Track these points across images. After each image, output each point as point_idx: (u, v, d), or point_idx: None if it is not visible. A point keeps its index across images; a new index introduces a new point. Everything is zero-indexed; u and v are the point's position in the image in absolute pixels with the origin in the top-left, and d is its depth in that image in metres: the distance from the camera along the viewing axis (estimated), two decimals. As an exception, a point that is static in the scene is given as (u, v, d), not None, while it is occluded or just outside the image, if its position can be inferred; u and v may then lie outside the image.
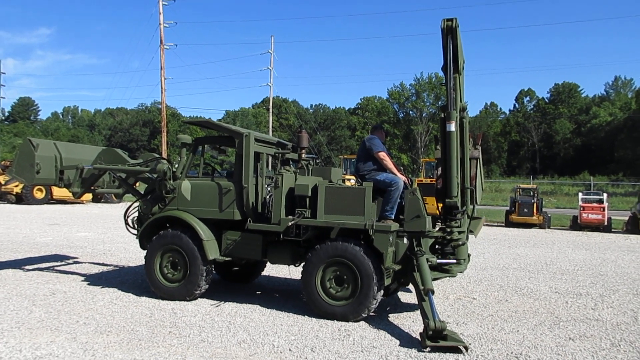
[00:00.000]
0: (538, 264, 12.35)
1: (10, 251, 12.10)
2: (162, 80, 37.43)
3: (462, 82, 7.24)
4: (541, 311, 7.64)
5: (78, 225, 18.68)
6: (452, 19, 6.88)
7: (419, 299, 6.38)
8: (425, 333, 5.85)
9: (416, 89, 78.11)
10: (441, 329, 5.76)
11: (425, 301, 6.23)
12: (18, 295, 7.73)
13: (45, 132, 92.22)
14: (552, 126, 75.24)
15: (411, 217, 6.85)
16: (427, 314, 5.99)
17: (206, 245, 7.37)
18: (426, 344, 5.73)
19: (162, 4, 37.30)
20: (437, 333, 5.77)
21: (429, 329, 5.80)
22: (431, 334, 5.78)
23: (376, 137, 7.69)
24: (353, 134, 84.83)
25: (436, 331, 5.77)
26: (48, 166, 8.72)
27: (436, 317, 5.89)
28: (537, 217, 22.80)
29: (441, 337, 5.78)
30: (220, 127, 8.02)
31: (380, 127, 8.30)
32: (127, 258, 11.57)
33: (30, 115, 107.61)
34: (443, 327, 5.79)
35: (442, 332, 5.77)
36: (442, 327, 5.77)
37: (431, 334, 5.78)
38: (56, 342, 5.66)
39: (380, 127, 8.30)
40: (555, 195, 44.86)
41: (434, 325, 5.78)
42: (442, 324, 5.80)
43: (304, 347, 5.72)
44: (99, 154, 9.14)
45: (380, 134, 7.92)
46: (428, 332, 5.81)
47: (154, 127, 79.97)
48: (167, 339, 5.87)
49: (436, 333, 5.77)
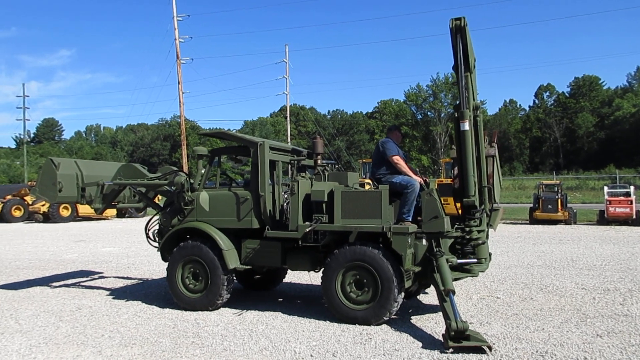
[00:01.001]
0: (564, 260, 12.13)
1: (38, 269, 12.36)
2: (180, 94, 37.92)
3: (474, 80, 7.18)
4: (567, 308, 7.49)
5: (103, 240, 19.00)
6: (460, 18, 6.84)
7: (440, 300, 6.33)
8: (448, 334, 5.80)
9: (433, 89, 77.71)
10: (463, 329, 5.70)
11: (446, 302, 6.17)
12: (45, 311, 7.88)
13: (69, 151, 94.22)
14: (574, 120, 74.03)
15: (429, 218, 6.81)
16: (449, 315, 5.94)
17: (226, 254, 7.43)
18: (449, 345, 5.68)
19: (176, 19, 37.87)
20: (460, 333, 5.71)
21: (451, 329, 5.74)
22: (453, 334, 5.73)
23: (390, 141, 7.66)
24: (372, 138, 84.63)
25: (458, 331, 5.70)
26: (70, 184, 8.91)
27: (458, 318, 5.83)
28: (562, 213, 22.40)
29: (464, 337, 5.71)
30: (235, 137, 8.10)
31: (395, 128, 8.20)
32: (150, 271, 11.72)
33: (55, 135, 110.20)
34: (465, 327, 5.72)
35: (464, 332, 5.70)
36: (464, 327, 5.71)
37: (453, 335, 5.73)
38: (82, 356, 5.75)
39: (395, 128, 8.20)
40: (580, 190, 43.99)
41: (456, 325, 5.72)
42: (464, 324, 5.74)
43: (326, 352, 5.71)
44: (119, 169, 9.31)
45: (396, 136, 7.88)
46: (450, 332, 5.75)
47: (175, 141, 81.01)
48: (190, 349, 5.92)
49: (458, 333, 5.71)
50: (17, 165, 77.44)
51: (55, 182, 8.70)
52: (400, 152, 7.68)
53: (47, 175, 8.89)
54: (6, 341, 6.35)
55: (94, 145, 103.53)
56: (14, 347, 6.09)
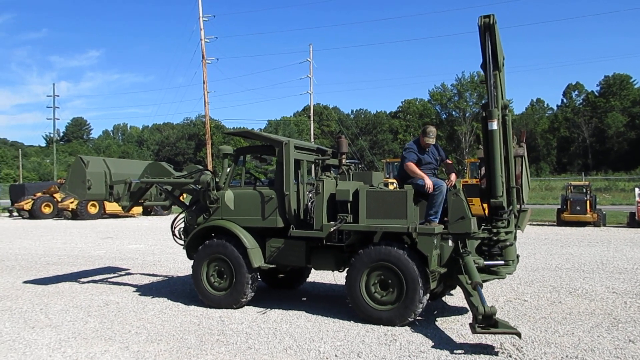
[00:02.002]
0: (593, 263, 11.85)
1: (67, 265, 12.62)
2: (205, 94, 38.31)
3: (502, 79, 7.04)
4: (597, 312, 7.31)
5: (129, 238, 19.31)
6: (489, 15, 6.72)
7: (467, 296, 6.30)
8: (475, 319, 5.79)
9: (458, 89, 76.93)
10: (491, 314, 5.71)
11: (473, 295, 6.12)
12: (74, 307, 8.04)
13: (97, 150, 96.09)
14: (604, 120, 72.32)
15: (455, 218, 6.72)
16: (476, 303, 5.92)
17: (251, 253, 7.46)
18: (476, 330, 5.67)
19: (202, 20, 38.25)
20: (487, 318, 5.71)
21: (479, 313, 5.73)
22: (481, 318, 5.72)
23: (412, 147, 7.44)
24: (395, 138, 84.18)
25: (486, 316, 5.71)
26: (98, 182, 9.08)
27: (485, 304, 5.82)
28: (591, 215, 21.89)
29: (492, 324, 5.73)
30: (260, 136, 8.12)
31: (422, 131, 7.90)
32: (176, 268, 11.85)
33: (83, 134, 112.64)
34: (493, 311, 5.73)
35: (492, 316, 5.72)
36: (492, 311, 5.72)
37: (481, 319, 5.72)
38: (110, 351, 5.84)
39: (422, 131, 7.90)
40: (610, 192, 42.95)
41: (484, 309, 5.72)
42: (492, 309, 5.75)
43: (350, 352, 5.68)
44: (145, 168, 9.44)
45: (421, 139, 7.62)
46: (478, 317, 5.74)
47: (199, 140, 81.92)
48: (215, 346, 5.96)
49: (486, 318, 5.71)
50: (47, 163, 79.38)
51: (85, 179, 8.88)
52: (426, 155, 7.45)
53: (77, 173, 9.08)
54: (37, 335, 6.50)
55: (121, 144, 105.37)
56: (44, 341, 6.22)
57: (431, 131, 7.50)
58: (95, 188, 9.06)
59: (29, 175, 74.26)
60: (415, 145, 7.50)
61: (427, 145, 7.47)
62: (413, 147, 7.45)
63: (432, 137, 7.43)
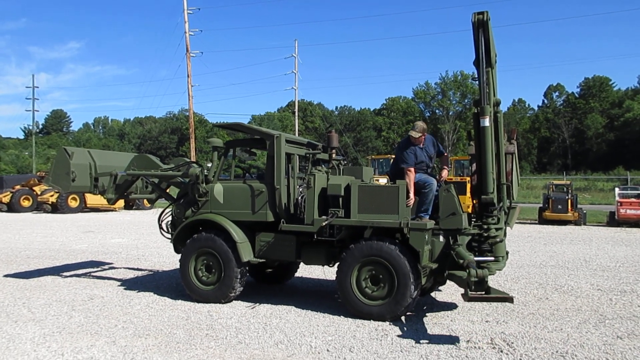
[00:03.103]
0: (577, 261, 12.01)
1: (49, 258, 12.37)
2: (189, 87, 37.93)
3: (495, 76, 7.07)
4: (584, 309, 7.40)
5: (112, 232, 19.02)
6: (483, 12, 6.72)
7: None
8: (468, 283, 5.96)
9: (442, 87, 77.42)
10: (483, 276, 5.89)
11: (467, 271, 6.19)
12: (58, 300, 7.87)
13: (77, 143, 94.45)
14: (584, 121, 73.43)
15: (446, 214, 6.72)
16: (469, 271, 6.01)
17: (240, 247, 7.38)
18: (469, 295, 5.90)
19: (187, 12, 37.84)
20: (480, 283, 5.91)
21: (471, 276, 5.88)
22: (475, 280, 5.89)
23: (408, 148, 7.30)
24: (379, 135, 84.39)
25: (479, 280, 5.89)
26: (83, 174, 8.85)
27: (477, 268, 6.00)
28: (572, 214, 22.22)
29: (484, 289, 5.98)
30: (251, 129, 8.04)
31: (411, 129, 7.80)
32: (160, 262, 11.70)
33: (63, 127, 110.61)
34: (485, 274, 5.92)
35: (484, 280, 5.90)
36: (484, 274, 5.90)
37: (474, 284, 5.91)
38: (96, 345, 5.72)
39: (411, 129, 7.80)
40: (589, 192, 43.68)
41: (476, 272, 5.89)
42: (484, 272, 5.94)
43: (342, 347, 5.65)
44: (132, 160, 9.26)
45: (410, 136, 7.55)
46: (471, 279, 5.88)
47: (182, 134, 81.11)
48: (205, 341, 5.88)
49: (479, 283, 5.90)
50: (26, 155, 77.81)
51: (69, 171, 8.65)
52: (419, 153, 7.39)
53: (61, 164, 8.83)
54: (20, 329, 6.33)
55: (102, 137, 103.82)
56: (28, 336, 6.07)
57: (416, 125, 7.44)
58: (80, 180, 8.83)
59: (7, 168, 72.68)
60: (409, 144, 7.40)
61: (418, 141, 7.41)
62: (411, 147, 7.29)
63: (416, 130, 7.33)
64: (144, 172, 8.77)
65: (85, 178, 8.91)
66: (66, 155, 8.78)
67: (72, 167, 8.68)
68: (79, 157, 8.91)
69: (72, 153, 8.85)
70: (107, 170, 9.04)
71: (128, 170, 8.95)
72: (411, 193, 6.92)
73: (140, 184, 9.45)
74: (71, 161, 8.71)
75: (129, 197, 9.68)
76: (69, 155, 8.76)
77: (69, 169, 8.68)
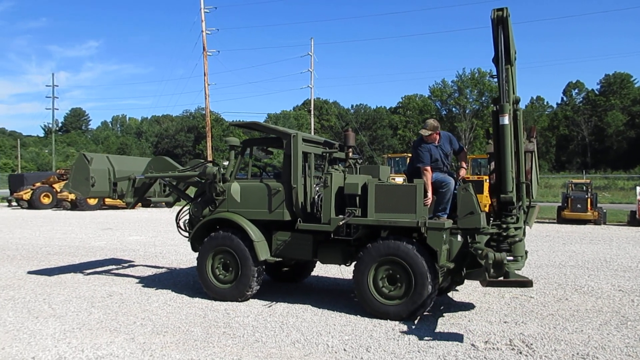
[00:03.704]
0: (597, 261, 11.83)
1: (68, 255, 12.55)
2: (206, 86, 38.13)
3: (514, 73, 6.97)
4: (605, 310, 7.28)
5: (129, 229, 19.23)
6: (502, 8, 6.62)
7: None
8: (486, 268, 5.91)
9: (458, 85, 76.80)
10: (501, 259, 5.84)
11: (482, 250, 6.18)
12: (77, 297, 7.97)
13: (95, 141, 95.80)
14: (604, 119, 72.31)
15: (464, 213, 6.66)
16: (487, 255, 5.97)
17: (257, 246, 7.40)
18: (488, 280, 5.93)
19: (204, 11, 38.03)
20: (498, 267, 5.86)
21: (489, 259, 5.83)
22: (492, 263, 5.83)
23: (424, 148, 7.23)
24: (395, 133, 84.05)
25: (496, 263, 5.84)
26: (102, 179, 8.93)
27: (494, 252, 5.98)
28: (592, 213, 21.85)
29: (502, 274, 5.95)
30: (268, 128, 8.04)
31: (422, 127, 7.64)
32: (178, 260, 11.79)
33: (82, 125, 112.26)
34: (503, 257, 5.87)
35: (502, 262, 5.85)
36: (502, 257, 5.85)
37: (493, 263, 5.84)
38: (115, 342, 5.78)
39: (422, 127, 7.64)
40: (609, 190, 42.94)
41: (494, 256, 5.84)
42: (502, 255, 5.89)
43: (359, 347, 5.64)
44: (149, 162, 9.35)
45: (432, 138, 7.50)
46: (489, 262, 5.84)
47: (199, 133, 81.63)
48: (222, 339, 5.91)
49: (497, 266, 5.86)
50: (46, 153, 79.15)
51: (88, 176, 8.72)
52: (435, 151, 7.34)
53: (80, 170, 8.92)
54: (41, 325, 6.43)
55: (120, 135, 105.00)
56: (49, 331, 6.16)
57: (426, 123, 7.37)
58: (99, 185, 8.90)
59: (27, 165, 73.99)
60: (424, 142, 7.34)
61: (432, 139, 7.33)
62: (425, 146, 7.22)
63: (426, 128, 7.26)
64: (162, 174, 8.83)
65: (104, 183, 8.99)
66: (85, 161, 8.86)
67: (91, 172, 8.76)
68: (98, 163, 9.00)
69: (91, 159, 8.93)
70: (125, 175, 9.11)
71: (146, 173, 9.02)
72: (429, 192, 6.89)
73: (158, 187, 9.52)
74: (90, 167, 8.79)
75: (149, 201, 9.71)
76: (88, 160, 8.85)
77: (88, 175, 8.75)
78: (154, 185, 9.38)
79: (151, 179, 9.03)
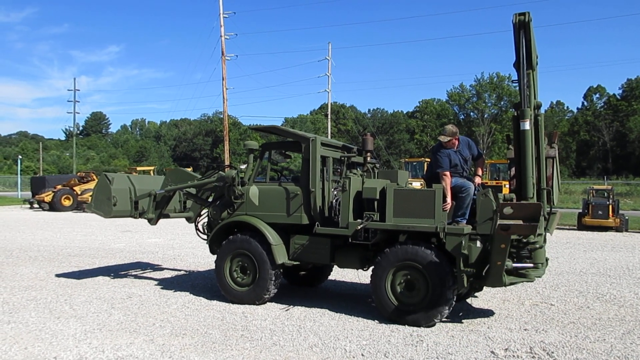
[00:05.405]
0: (619, 269, 11.61)
1: (88, 257, 12.72)
2: (224, 90, 38.43)
3: (536, 78, 6.92)
4: (628, 319, 7.14)
5: (148, 232, 19.41)
6: (524, 13, 6.60)
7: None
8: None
9: (477, 89, 76.27)
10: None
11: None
12: (98, 298, 8.07)
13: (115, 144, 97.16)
14: (626, 124, 71.04)
15: (484, 219, 6.59)
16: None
17: (275, 249, 7.42)
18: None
19: (222, 16, 38.37)
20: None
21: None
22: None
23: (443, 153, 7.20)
24: (412, 138, 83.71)
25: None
26: (123, 198, 8.99)
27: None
28: (614, 220, 21.46)
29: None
30: (287, 132, 8.07)
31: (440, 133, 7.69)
32: (196, 263, 11.87)
33: (102, 128, 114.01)
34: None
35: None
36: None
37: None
38: (135, 343, 5.84)
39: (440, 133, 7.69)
40: (631, 197, 42.17)
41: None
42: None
43: (377, 352, 5.61)
44: (166, 175, 9.45)
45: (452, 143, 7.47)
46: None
47: (216, 136, 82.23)
48: (240, 342, 5.93)
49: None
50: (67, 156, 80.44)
51: (110, 196, 8.80)
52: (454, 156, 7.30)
53: (102, 190, 9.02)
54: (62, 325, 6.53)
55: (139, 139, 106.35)
56: (70, 332, 6.25)
57: (445, 129, 7.33)
58: (121, 204, 8.96)
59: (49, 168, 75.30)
60: (442, 147, 7.29)
61: (450, 145, 7.28)
62: (444, 151, 7.16)
63: (445, 134, 7.23)
64: (180, 185, 8.91)
65: (125, 202, 9.04)
66: (107, 181, 8.97)
67: (112, 192, 8.83)
68: (119, 182, 9.10)
69: (113, 179, 9.04)
70: (145, 193, 9.18)
71: (165, 186, 9.11)
72: (448, 197, 6.84)
73: (178, 205, 9.56)
74: (112, 186, 8.87)
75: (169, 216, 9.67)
76: (110, 181, 8.96)
77: (110, 194, 8.83)
78: (173, 202, 9.42)
79: (171, 192, 9.10)
